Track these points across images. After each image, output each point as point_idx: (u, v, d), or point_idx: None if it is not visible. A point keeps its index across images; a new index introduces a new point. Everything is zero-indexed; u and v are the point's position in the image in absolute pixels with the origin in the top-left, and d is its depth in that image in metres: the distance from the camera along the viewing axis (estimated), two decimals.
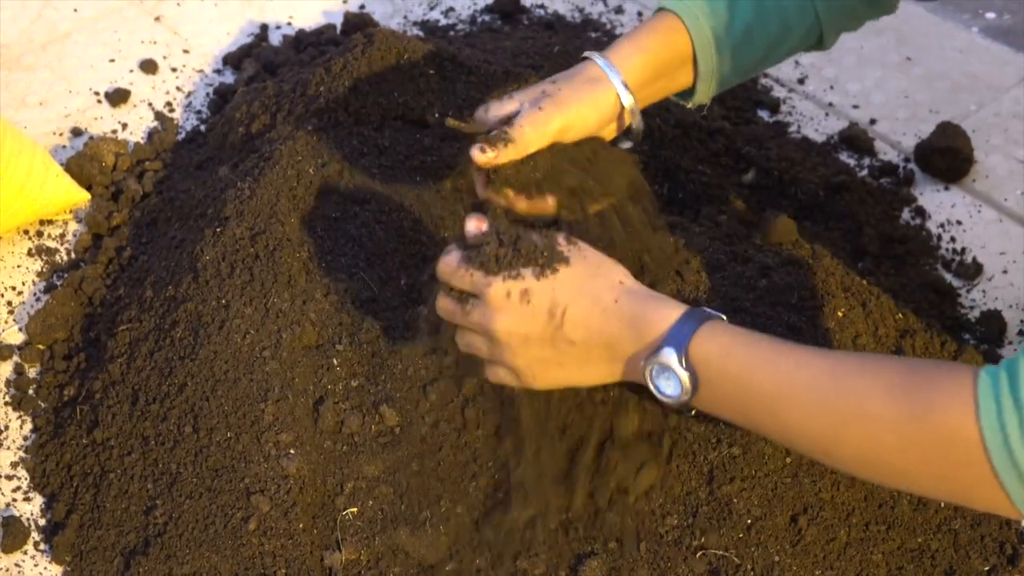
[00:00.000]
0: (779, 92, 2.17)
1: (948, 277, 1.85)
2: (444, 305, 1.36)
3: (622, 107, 1.50)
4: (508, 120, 1.44)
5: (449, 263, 1.34)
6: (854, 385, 1.18)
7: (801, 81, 2.19)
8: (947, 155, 1.98)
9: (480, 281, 1.31)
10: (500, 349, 1.32)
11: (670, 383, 1.26)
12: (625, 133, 1.54)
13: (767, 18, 1.56)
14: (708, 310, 1.28)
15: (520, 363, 1.33)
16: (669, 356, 1.25)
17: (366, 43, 1.89)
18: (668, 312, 1.27)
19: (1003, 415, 1.09)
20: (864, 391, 1.18)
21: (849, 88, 2.17)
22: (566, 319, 1.29)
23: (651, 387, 1.27)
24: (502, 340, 1.31)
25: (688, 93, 1.59)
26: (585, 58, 1.51)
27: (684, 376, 1.24)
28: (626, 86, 1.49)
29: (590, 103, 1.47)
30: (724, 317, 1.29)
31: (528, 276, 1.30)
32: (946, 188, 1.99)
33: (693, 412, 1.36)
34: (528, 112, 1.43)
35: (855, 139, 2.06)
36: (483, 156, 1.41)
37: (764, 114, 2.12)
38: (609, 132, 1.53)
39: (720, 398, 1.26)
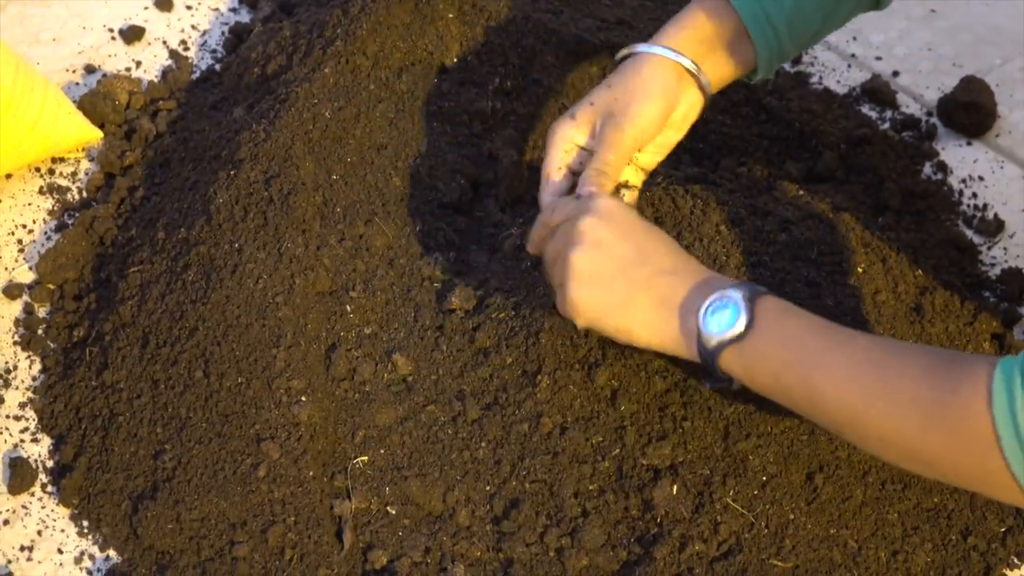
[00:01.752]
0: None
1: (969, 233, 1.83)
2: (536, 236, 1.48)
3: (688, 80, 1.52)
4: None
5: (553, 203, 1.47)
6: (889, 363, 1.22)
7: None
8: (970, 109, 1.96)
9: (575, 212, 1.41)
10: (568, 280, 1.38)
11: (725, 315, 1.29)
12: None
13: (826, 23, 1.57)
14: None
15: (579, 296, 1.38)
16: (736, 292, 1.30)
17: None
18: (730, 275, 1.35)
19: (1015, 403, 1.11)
20: (897, 370, 1.21)
21: (872, 39, 2.14)
22: (642, 250, 1.37)
23: (699, 324, 1.31)
24: (575, 269, 1.37)
25: (752, 74, 1.58)
26: (628, 54, 1.54)
27: (743, 310, 1.29)
28: (679, 52, 1.50)
29: (647, 97, 1.49)
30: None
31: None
32: (968, 143, 1.97)
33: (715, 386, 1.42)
34: (604, 144, 1.48)
35: (877, 91, 2.04)
36: None
37: (786, 64, 2.09)
38: (680, 119, 1.56)
39: (764, 349, 1.29)
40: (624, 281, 1.36)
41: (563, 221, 1.43)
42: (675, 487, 1.44)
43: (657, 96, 1.49)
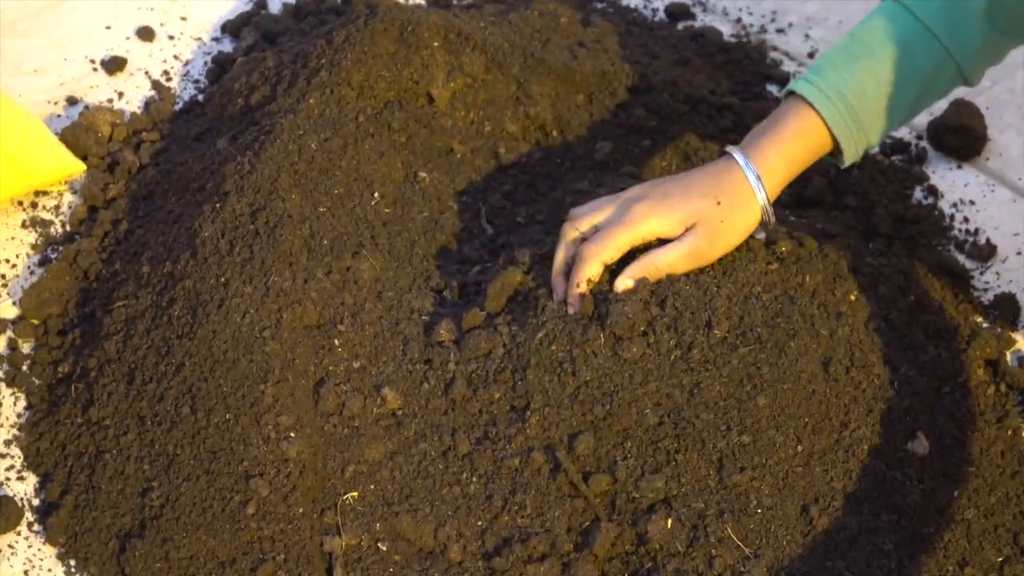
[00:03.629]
0: (789, 66, 2.14)
1: (961, 258, 1.82)
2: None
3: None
4: None
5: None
6: None
7: (811, 55, 2.15)
8: (960, 133, 1.95)
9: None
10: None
11: None
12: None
13: (905, 86, 1.59)
14: None
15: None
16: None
17: (368, 14, 1.85)
18: None
19: None
20: None
21: None
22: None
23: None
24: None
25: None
26: (726, 153, 1.60)
27: None
28: (764, 190, 1.57)
29: (742, 234, 1.58)
30: None
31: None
32: (959, 167, 1.96)
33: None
34: (682, 253, 1.55)
35: None
36: (628, 285, 1.54)
37: (774, 88, 2.09)
38: None
39: None
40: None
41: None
42: (669, 520, 1.43)
43: (746, 233, 1.59)
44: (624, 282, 1.51)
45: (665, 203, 1.54)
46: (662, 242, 1.54)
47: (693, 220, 1.53)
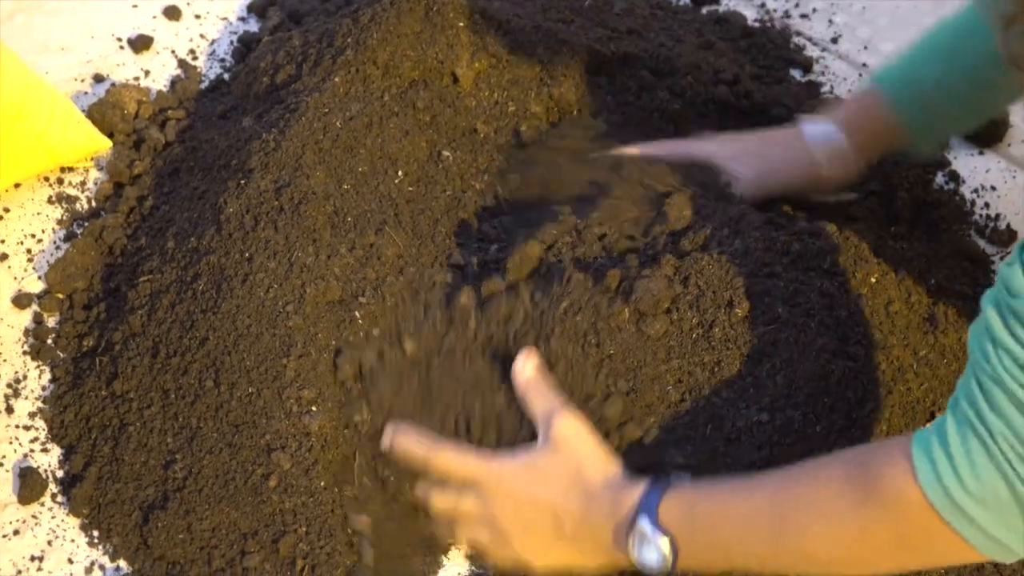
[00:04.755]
0: (812, 51, 2.13)
1: (982, 244, 1.82)
2: (440, 502, 1.47)
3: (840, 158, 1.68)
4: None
5: (444, 457, 1.46)
6: (803, 495, 1.27)
7: (835, 40, 2.15)
8: None
9: (478, 468, 1.44)
10: (499, 537, 1.43)
11: (652, 552, 1.32)
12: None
13: (975, 100, 1.70)
14: (673, 475, 1.38)
15: (518, 550, 1.42)
16: (644, 523, 1.33)
17: None
18: (637, 487, 1.36)
19: (937, 467, 1.17)
20: (813, 497, 1.27)
21: (883, 48, 2.13)
22: (558, 509, 1.39)
23: (639, 564, 1.35)
24: (506, 525, 1.42)
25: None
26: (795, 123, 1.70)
27: (662, 541, 1.32)
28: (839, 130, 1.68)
29: (795, 165, 1.68)
30: (688, 476, 1.38)
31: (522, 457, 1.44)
32: (980, 153, 1.96)
33: None
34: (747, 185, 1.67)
35: None
36: None
37: (796, 73, 2.09)
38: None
39: (699, 554, 1.33)
40: (561, 538, 1.41)
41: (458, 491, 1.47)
42: None
43: (797, 169, 1.67)
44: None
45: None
46: None
47: (736, 150, 1.68)
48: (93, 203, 1.84)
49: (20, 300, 1.71)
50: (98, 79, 2.03)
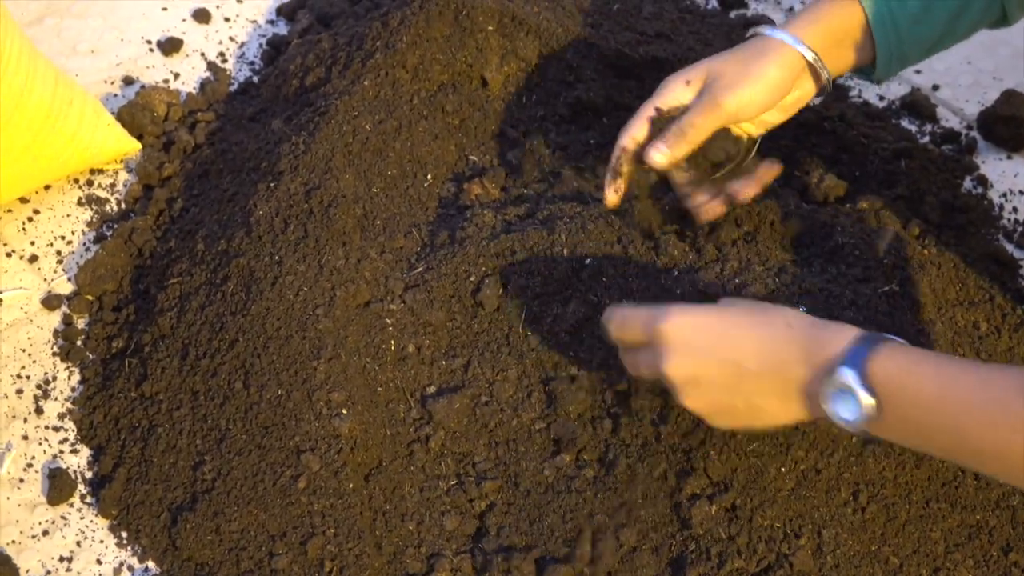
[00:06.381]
0: None
1: (1010, 248, 1.82)
2: (626, 360, 1.41)
3: (806, 71, 1.52)
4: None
5: (617, 317, 1.39)
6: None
7: None
8: (1011, 123, 1.95)
9: (649, 324, 1.34)
10: (676, 392, 1.33)
11: (849, 406, 1.21)
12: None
13: (951, 29, 1.57)
14: (886, 334, 1.24)
15: (696, 405, 1.33)
16: (847, 376, 1.21)
17: None
18: (843, 334, 1.24)
19: None
20: None
21: None
22: (739, 348, 1.29)
23: (831, 414, 1.23)
24: (676, 383, 1.32)
25: (869, 69, 1.58)
26: (753, 35, 1.54)
27: (865, 396, 1.20)
28: (802, 43, 1.50)
29: (758, 80, 1.49)
30: (904, 341, 1.24)
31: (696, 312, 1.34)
32: (1009, 157, 1.96)
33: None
34: (698, 108, 1.50)
35: (917, 105, 2.03)
36: (662, 157, 1.50)
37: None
38: (791, 103, 1.57)
39: (904, 420, 1.21)
40: (733, 392, 1.31)
41: (638, 338, 1.38)
42: (713, 507, 1.43)
43: (769, 81, 1.49)
44: (657, 149, 1.51)
45: (682, 69, 1.55)
46: None
47: (703, 76, 1.52)
48: (123, 205, 1.85)
49: (50, 302, 1.71)
50: (128, 81, 2.03)
